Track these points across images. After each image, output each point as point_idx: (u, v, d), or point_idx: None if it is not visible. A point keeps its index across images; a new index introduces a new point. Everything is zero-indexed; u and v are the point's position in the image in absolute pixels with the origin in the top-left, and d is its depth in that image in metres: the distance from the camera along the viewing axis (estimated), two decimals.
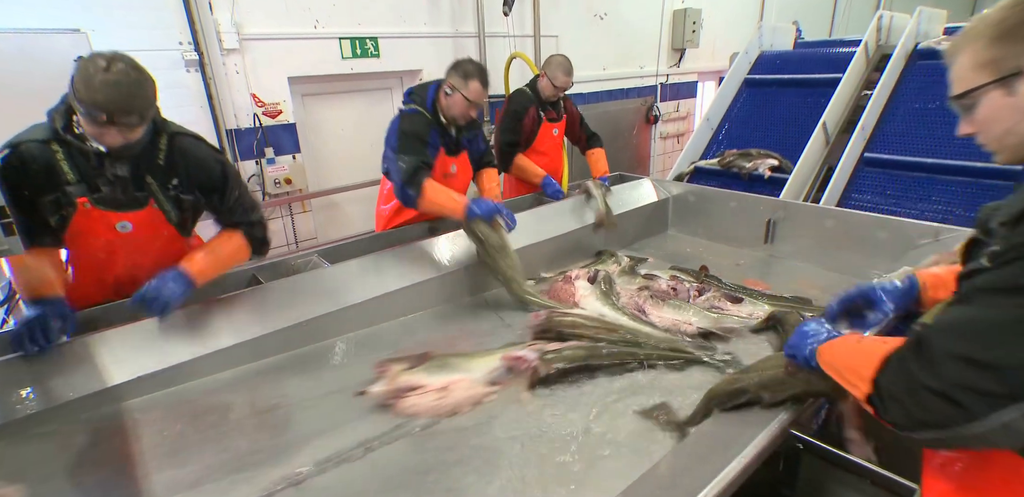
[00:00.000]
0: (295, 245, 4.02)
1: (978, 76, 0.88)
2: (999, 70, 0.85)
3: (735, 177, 3.83)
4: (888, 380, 0.89)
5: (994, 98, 0.87)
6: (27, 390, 1.51)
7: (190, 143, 1.74)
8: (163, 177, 1.69)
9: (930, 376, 0.81)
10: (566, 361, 1.63)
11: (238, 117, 3.57)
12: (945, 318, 0.86)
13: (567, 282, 2.24)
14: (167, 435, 1.48)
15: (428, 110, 2.39)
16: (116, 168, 1.60)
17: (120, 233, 1.70)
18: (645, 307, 2.03)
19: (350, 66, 3.96)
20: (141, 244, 1.77)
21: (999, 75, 0.85)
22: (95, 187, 1.61)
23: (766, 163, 3.70)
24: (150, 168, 1.67)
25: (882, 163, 3.33)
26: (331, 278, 2.03)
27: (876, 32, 3.82)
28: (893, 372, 0.88)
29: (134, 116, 1.46)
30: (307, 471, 1.32)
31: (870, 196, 3.29)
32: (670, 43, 6.32)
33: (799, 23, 5.07)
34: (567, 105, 3.35)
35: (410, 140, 2.30)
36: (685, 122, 6.98)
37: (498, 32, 4.68)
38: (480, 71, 2.33)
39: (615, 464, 1.30)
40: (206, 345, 1.72)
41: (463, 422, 1.49)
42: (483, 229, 2.15)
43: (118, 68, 1.43)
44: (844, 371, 1.01)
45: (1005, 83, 0.85)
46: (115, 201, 1.65)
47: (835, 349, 1.10)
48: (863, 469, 1.18)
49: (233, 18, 3.37)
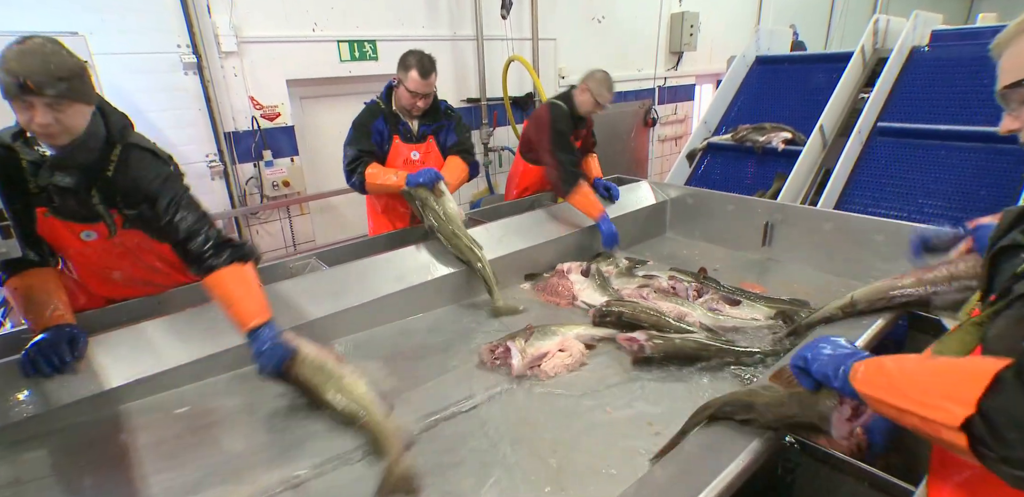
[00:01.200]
0: (293, 248, 4.02)
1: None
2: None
3: (749, 151, 3.86)
4: (1007, 405, 0.70)
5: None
6: (24, 393, 1.50)
7: (137, 156, 1.62)
8: (109, 190, 1.60)
9: None
10: (670, 349, 1.73)
11: (236, 120, 3.58)
12: None
13: (561, 277, 2.30)
14: (165, 438, 1.48)
15: (383, 100, 2.53)
16: (60, 178, 1.50)
17: (87, 241, 1.66)
18: (648, 301, 2.05)
19: (348, 69, 3.96)
20: (115, 249, 1.72)
21: None
22: (50, 198, 1.55)
23: (780, 136, 3.73)
24: (97, 181, 1.58)
25: (880, 165, 3.34)
26: (329, 280, 2.03)
27: (873, 36, 3.84)
28: (1016, 395, 0.70)
29: (52, 82, 1.34)
30: (305, 474, 1.32)
31: (867, 199, 3.30)
32: (668, 46, 6.34)
33: (796, 27, 5.10)
34: (588, 118, 3.13)
35: (356, 131, 2.52)
36: (683, 125, 7.00)
37: (496, 35, 4.69)
38: (420, 61, 2.37)
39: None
40: (204, 348, 1.72)
41: (462, 424, 1.49)
42: (422, 194, 2.26)
43: (34, 41, 1.38)
44: (916, 393, 0.81)
45: None
46: (70, 212, 1.59)
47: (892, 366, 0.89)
48: (861, 472, 1.17)
49: (231, 21, 3.38)
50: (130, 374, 1.61)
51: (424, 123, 2.60)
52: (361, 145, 2.48)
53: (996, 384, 0.71)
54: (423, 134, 2.62)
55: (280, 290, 1.93)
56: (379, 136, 2.53)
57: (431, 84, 2.43)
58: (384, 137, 2.54)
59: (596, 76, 2.87)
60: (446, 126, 2.66)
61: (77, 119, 1.46)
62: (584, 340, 1.86)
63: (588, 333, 1.90)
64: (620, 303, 1.99)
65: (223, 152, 3.55)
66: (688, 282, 2.25)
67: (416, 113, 2.53)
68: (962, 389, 0.74)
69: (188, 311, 1.77)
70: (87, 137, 1.49)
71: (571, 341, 1.83)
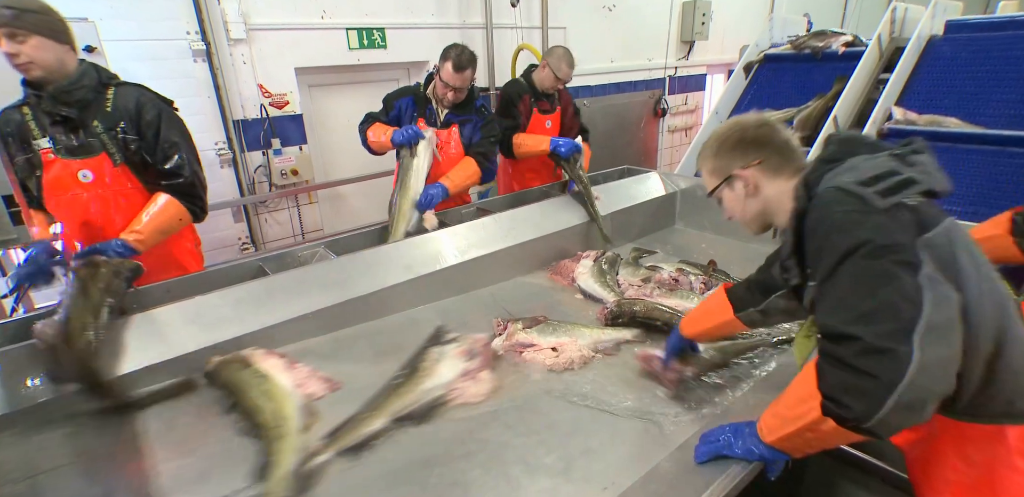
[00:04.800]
0: (301, 236, 4.03)
1: (713, 180, 1.28)
2: (721, 175, 1.25)
3: (808, 59, 3.86)
4: (827, 380, 0.95)
5: (727, 193, 1.27)
6: (35, 379, 1.51)
7: (132, 89, 1.91)
8: (110, 122, 1.85)
9: (851, 346, 0.91)
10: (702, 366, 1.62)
11: (245, 108, 3.56)
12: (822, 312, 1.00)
13: (575, 260, 2.40)
14: (175, 426, 1.49)
15: (424, 84, 2.66)
16: (61, 109, 1.78)
17: (84, 183, 1.84)
18: (653, 298, 2.03)
19: (357, 57, 3.93)
20: (108, 197, 1.91)
21: (721, 178, 1.25)
22: (56, 139, 1.81)
23: (840, 40, 3.73)
24: (97, 115, 1.84)
25: None
26: (337, 270, 2.02)
27: (890, 24, 3.76)
28: (826, 371, 0.96)
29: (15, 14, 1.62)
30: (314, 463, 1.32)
31: None
32: (679, 35, 6.25)
33: (810, 16, 5.01)
34: (562, 96, 3.28)
35: (382, 103, 2.73)
36: (693, 115, 6.92)
37: (506, 23, 4.64)
38: (458, 55, 2.44)
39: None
40: (213, 336, 1.72)
41: (470, 415, 1.49)
42: (402, 152, 2.47)
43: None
44: (787, 409, 1.04)
45: (727, 183, 1.25)
46: (71, 148, 1.83)
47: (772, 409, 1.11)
48: (871, 466, 1.17)
49: (240, 8, 3.35)
50: (139, 361, 1.62)
51: (452, 113, 2.67)
52: (376, 115, 2.70)
53: (819, 372, 0.98)
54: (448, 121, 2.68)
55: (288, 279, 1.93)
56: (398, 111, 2.67)
57: (465, 79, 2.51)
58: (405, 114, 2.66)
59: (556, 52, 3.05)
60: (474, 121, 2.69)
61: (41, 52, 1.69)
62: (600, 347, 1.79)
63: (605, 338, 1.82)
64: (632, 301, 1.95)
65: (232, 140, 3.55)
66: (696, 275, 2.23)
67: (447, 103, 2.62)
68: (805, 390, 0.99)
69: (197, 298, 1.78)
70: (80, 76, 1.79)
71: (572, 347, 1.75)
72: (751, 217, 1.26)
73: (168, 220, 1.94)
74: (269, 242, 3.90)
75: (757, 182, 1.20)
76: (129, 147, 1.88)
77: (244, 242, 3.80)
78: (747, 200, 1.23)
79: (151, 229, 1.88)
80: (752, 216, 1.26)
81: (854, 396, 0.90)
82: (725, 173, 1.23)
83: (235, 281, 1.91)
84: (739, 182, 1.22)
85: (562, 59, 3.01)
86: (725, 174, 1.24)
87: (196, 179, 2.00)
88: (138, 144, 1.88)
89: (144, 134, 1.89)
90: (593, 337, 1.81)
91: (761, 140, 1.20)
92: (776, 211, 1.21)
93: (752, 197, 1.22)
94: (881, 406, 0.87)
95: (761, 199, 1.21)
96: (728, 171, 1.23)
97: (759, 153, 1.19)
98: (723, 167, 1.24)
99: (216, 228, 3.67)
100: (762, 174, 1.19)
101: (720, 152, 1.25)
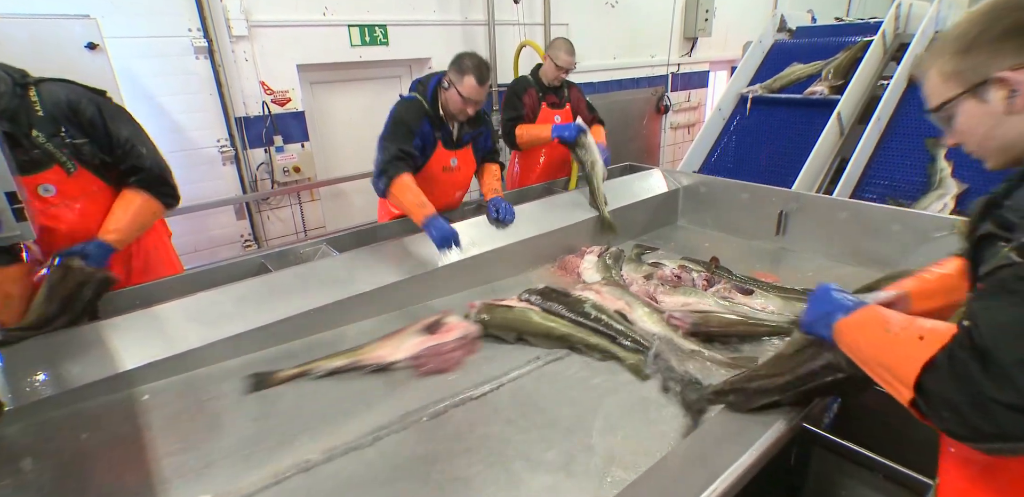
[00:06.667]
0: (304, 234, 4.03)
1: (949, 89, 0.91)
2: (967, 81, 0.89)
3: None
4: (941, 388, 0.80)
5: (968, 107, 0.90)
6: (40, 375, 1.52)
7: (58, 87, 1.69)
8: (50, 127, 1.65)
9: (1002, 389, 0.73)
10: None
11: (247, 105, 3.56)
12: (994, 316, 0.77)
13: (580, 255, 2.40)
14: (176, 421, 1.49)
15: (428, 101, 2.30)
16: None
17: (47, 198, 1.71)
18: (656, 295, 2.03)
19: (359, 54, 3.93)
20: (77, 207, 1.78)
21: (968, 85, 0.89)
22: None
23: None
24: (33, 123, 1.63)
25: (898, 155, 3.28)
26: (340, 267, 2.02)
27: (895, 20, 3.75)
28: (948, 379, 0.79)
29: None
30: (315, 458, 1.32)
31: (884, 188, 3.24)
32: (682, 31, 6.22)
33: (814, 11, 4.98)
34: (572, 93, 3.28)
35: (398, 127, 2.23)
36: (696, 112, 6.90)
37: (508, 20, 4.63)
38: (478, 66, 2.17)
39: None
40: (216, 332, 1.73)
41: (471, 411, 1.49)
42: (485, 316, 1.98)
43: None
44: (876, 367, 0.93)
45: (975, 92, 0.88)
46: (19, 164, 1.59)
47: (857, 336, 1.01)
48: (875, 463, 1.16)
49: (242, 4, 3.35)
50: (143, 357, 1.62)
51: (466, 130, 2.46)
52: (402, 144, 2.20)
53: (930, 368, 0.81)
54: (463, 140, 2.47)
55: (290, 276, 1.93)
56: (421, 140, 2.31)
57: (485, 91, 2.24)
58: (428, 142, 2.34)
59: (555, 43, 3.08)
60: (484, 133, 2.58)
61: None
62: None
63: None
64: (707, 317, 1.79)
65: (234, 137, 3.54)
66: (699, 272, 2.23)
67: (462, 118, 2.35)
68: (904, 370, 0.85)
69: (199, 295, 1.78)
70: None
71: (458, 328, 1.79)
72: (1000, 144, 0.90)
73: (142, 215, 1.86)
74: (271, 239, 3.90)
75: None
76: (82, 151, 1.72)
77: (246, 239, 3.81)
78: (1006, 119, 0.87)
79: (126, 226, 1.80)
80: (1003, 143, 0.90)
81: (960, 422, 0.77)
82: (979, 75, 0.87)
83: (237, 278, 1.91)
84: (999, 90, 0.86)
85: (559, 48, 3.02)
86: (979, 77, 0.87)
87: (159, 167, 1.88)
88: (90, 147, 1.73)
89: (91, 134, 1.72)
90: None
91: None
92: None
93: (1018, 114, 0.86)
94: (983, 443, 0.76)
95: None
96: (985, 72, 0.86)
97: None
98: (977, 66, 0.87)
99: (218, 225, 3.68)
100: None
101: (978, 43, 0.87)
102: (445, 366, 1.68)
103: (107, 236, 1.76)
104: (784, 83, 4.02)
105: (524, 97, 3.10)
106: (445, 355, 1.70)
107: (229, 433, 1.44)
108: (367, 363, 1.68)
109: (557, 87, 3.18)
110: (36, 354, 1.53)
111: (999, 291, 0.79)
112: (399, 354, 1.70)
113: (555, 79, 3.12)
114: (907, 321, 0.93)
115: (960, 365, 0.78)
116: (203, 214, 3.56)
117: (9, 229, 1.38)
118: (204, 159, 3.49)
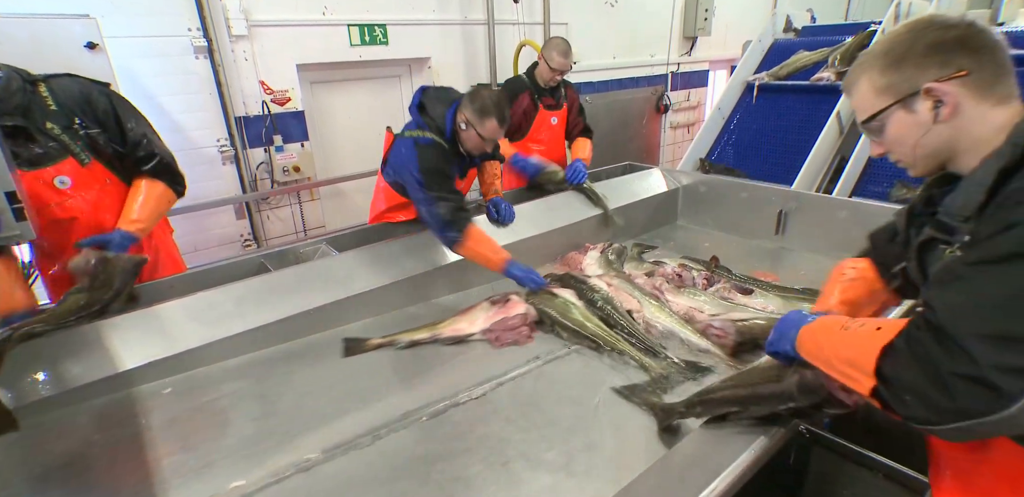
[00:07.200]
0: (303, 233, 4.03)
1: (881, 101, 0.95)
2: (898, 93, 0.93)
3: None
4: (900, 370, 0.81)
5: (899, 117, 0.94)
6: (41, 374, 1.52)
7: (68, 81, 1.76)
8: (63, 120, 1.71)
9: (960, 362, 0.74)
10: None
11: (247, 104, 3.56)
12: (947, 299, 0.80)
13: (583, 252, 2.43)
14: (176, 420, 1.49)
15: (447, 140, 2.16)
16: (6, 120, 1.61)
17: (63, 190, 1.74)
18: (663, 291, 2.05)
19: (358, 53, 3.92)
20: (91, 199, 1.81)
21: (899, 96, 0.93)
22: (15, 153, 1.64)
23: None
24: (46, 116, 1.69)
25: None
26: (339, 266, 2.03)
27: (895, 19, 3.74)
28: (905, 362, 0.81)
29: None
30: (315, 458, 1.33)
31: (884, 187, 3.24)
32: (681, 31, 6.22)
33: (813, 10, 4.98)
34: (568, 93, 3.23)
35: (437, 176, 2.09)
36: (696, 112, 6.89)
37: (507, 19, 4.62)
38: (497, 106, 2.05)
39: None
40: (215, 332, 1.73)
41: (471, 410, 1.49)
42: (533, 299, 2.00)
43: None
44: (837, 363, 0.94)
45: (905, 103, 0.92)
46: (34, 158, 1.68)
47: (818, 337, 1.03)
48: (875, 463, 1.16)
49: (241, 4, 3.34)
50: (143, 357, 1.62)
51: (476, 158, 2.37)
52: (450, 192, 2.09)
53: (887, 354, 0.84)
54: (475, 163, 2.42)
55: (290, 275, 1.94)
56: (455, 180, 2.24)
57: (505, 128, 2.13)
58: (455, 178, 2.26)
59: (549, 43, 3.01)
60: (490, 155, 2.52)
61: None
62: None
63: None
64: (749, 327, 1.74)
65: (234, 137, 3.54)
66: (698, 271, 2.23)
67: (478, 153, 2.24)
68: (863, 359, 0.86)
69: (200, 295, 1.78)
70: (7, 81, 1.62)
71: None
72: (927, 152, 0.94)
73: (161, 203, 1.92)
74: (271, 239, 3.90)
75: (959, 101, 0.88)
76: (97, 142, 1.76)
77: (246, 239, 3.81)
78: (933, 127, 0.91)
79: (147, 215, 1.85)
80: (930, 150, 0.93)
81: (921, 403, 0.78)
82: (908, 88, 0.91)
83: (237, 278, 1.92)
84: (926, 101, 0.90)
85: (553, 48, 2.94)
86: (908, 89, 0.91)
87: (169, 156, 1.94)
88: (104, 137, 1.77)
89: (104, 124, 1.77)
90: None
91: (972, 43, 0.87)
92: (966, 149, 0.90)
93: (943, 123, 0.89)
94: (946, 424, 0.76)
95: (953, 127, 0.89)
96: (914, 85, 0.90)
97: (969, 60, 0.87)
98: (905, 80, 0.91)
99: (218, 225, 3.67)
100: (967, 91, 0.87)
101: (906, 58, 0.91)
102: (517, 338, 1.83)
103: (129, 226, 1.80)
104: (790, 70, 4.02)
105: (514, 106, 2.97)
106: (516, 328, 1.85)
107: (229, 433, 1.44)
108: (447, 335, 1.85)
109: (554, 87, 3.14)
110: (36, 354, 1.53)
111: (950, 278, 0.82)
112: (474, 327, 1.87)
113: (550, 80, 3.07)
114: (864, 319, 0.97)
115: (916, 344, 0.80)
116: (203, 214, 3.55)
117: (9, 229, 1.38)
118: (204, 159, 3.49)
